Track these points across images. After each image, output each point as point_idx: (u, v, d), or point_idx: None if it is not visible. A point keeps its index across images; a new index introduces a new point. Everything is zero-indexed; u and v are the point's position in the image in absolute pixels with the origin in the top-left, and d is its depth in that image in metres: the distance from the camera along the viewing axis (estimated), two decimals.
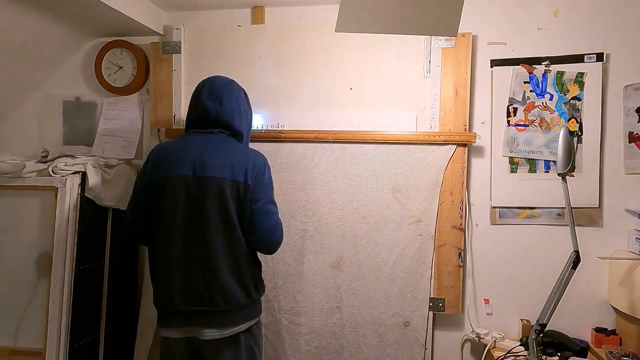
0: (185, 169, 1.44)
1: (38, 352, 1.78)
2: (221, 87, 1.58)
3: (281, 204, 1.74)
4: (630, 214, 1.87)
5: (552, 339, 1.81)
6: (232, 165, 1.45)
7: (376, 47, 1.99)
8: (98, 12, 1.90)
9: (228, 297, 1.44)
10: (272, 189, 1.55)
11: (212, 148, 1.48)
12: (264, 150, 1.83)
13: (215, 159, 1.45)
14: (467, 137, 1.92)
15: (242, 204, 1.45)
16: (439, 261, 1.95)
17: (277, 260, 1.99)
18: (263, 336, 1.66)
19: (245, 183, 1.45)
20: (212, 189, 1.42)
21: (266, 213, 1.49)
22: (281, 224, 1.54)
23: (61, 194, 1.80)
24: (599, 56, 1.88)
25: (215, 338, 1.44)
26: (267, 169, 1.54)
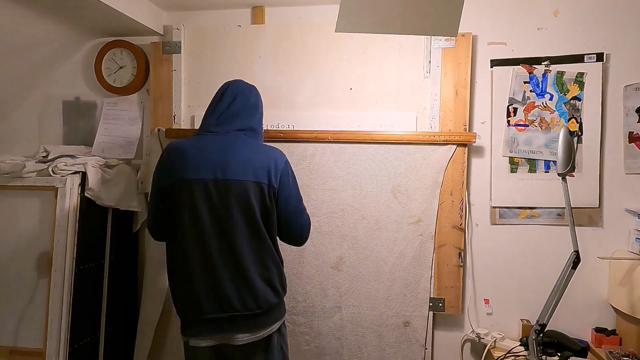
0: (205, 172, 1.39)
1: (38, 352, 1.78)
2: (240, 88, 1.57)
3: None
4: (630, 214, 1.87)
5: (552, 339, 1.81)
6: (255, 167, 1.42)
7: (376, 47, 1.99)
8: (98, 12, 1.90)
9: (259, 300, 1.42)
10: (297, 187, 1.55)
11: (231, 149, 1.44)
12: None
13: (236, 161, 1.41)
14: (467, 137, 1.92)
15: (266, 205, 1.43)
16: (439, 261, 1.95)
17: None
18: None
19: (270, 185, 1.43)
20: (235, 192, 1.39)
21: (297, 213, 1.52)
22: (309, 219, 1.57)
23: (61, 194, 1.80)
24: (599, 56, 1.88)
25: (248, 342, 1.41)
26: (289, 166, 1.53)
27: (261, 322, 1.44)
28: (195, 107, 2.14)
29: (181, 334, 1.46)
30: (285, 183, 1.48)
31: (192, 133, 2.02)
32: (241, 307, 1.40)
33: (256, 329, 1.42)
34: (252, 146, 1.49)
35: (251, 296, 1.41)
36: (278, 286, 1.48)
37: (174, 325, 2.07)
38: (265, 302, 1.43)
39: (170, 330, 2.08)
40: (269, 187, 1.43)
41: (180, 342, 2.04)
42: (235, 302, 1.39)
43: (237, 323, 1.40)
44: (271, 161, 1.46)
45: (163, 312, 2.06)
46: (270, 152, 1.50)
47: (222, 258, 1.40)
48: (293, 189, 1.51)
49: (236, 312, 1.39)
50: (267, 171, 1.43)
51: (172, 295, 1.49)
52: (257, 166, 1.43)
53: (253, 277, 1.41)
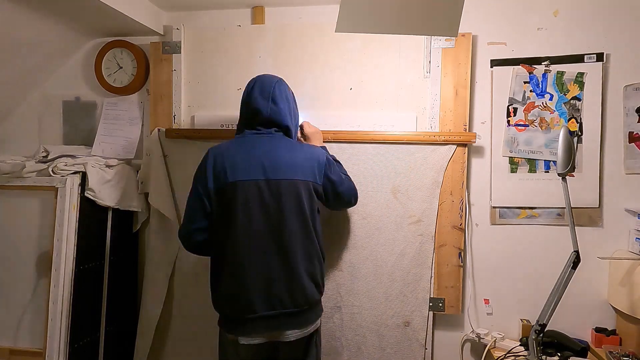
0: (255, 173, 1.45)
1: (38, 352, 1.78)
2: (271, 85, 1.57)
3: None
4: (630, 214, 1.87)
5: (552, 339, 1.81)
6: (302, 166, 1.49)
7: (376, 47, 1.99)
8: (98, 12, 1.90)
9: (307, 297, 1.47)
10: (340, 166, 1.69)
11: (277, 149, 1.49)
12: None
13: (284, 160, 1.47)
14: (467, 137, 1.92)
15: (313, 202, 1.51)
16: (439, 261, 1.95)
17: None
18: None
19: (315, 182, 1.51)
20: (287, 192, 1.45)
21: (344, 191, 1.63)
22: (352, 184, 1.68)
23: (61, 194, 1.80)
24: (599, 56, 1.88)
25: (298, 338, 1.45)
26: (329, 158, 1.61)
27: (308, 318, 1.49)
28: (195, 107, 2.14)
29: (226, 331, 1.48)
30: (329, 175, 1.56)
31: (192, 133, 2.05)
32: (291, 304, 1.44)
33: (304, 325, 1.48)
34: (296, 145, 1.57)
35: (300, 293, 1.46)
36: (320, 283, 1.54)
37: (174, 326, 2.07)
38: (312, 298, 1.49)
39: (171, 330, 2.08)
40: (315, 185, 1.51)
41: (180, 343, 2.06)
42: (286, 300, 1.44)
43: (287, 320, 1.45)
44: (314, 159, 1.54)
45: (163, 312, 2.06)
46: (312, 150, 1.58)
47: (274, 256, 1.44)
48: (337, 176, 1.60)
49: (286, 309, 1.44)
50: (312, 170, 1.51)
51: (215, 294, 1.50)
52: (304, 165, 1.50)
53: (301, 275, 1.46)
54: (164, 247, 2.07)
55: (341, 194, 1.61)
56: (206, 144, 2.03)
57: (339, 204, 1.68)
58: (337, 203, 1.65)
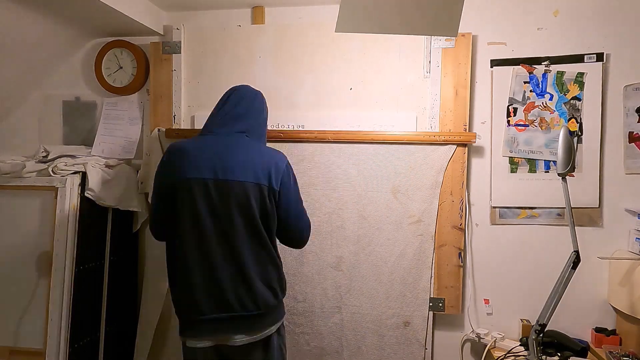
0: (205, 172, 1.40)
1: (38, 352, 1.78)
2: (245, 92, 1.57)
3: None
4: (630, 214, 1.87)
5: (552, 339, 1.81)
6: (255, 168, 1.42)
7: (376, 47, 1.99)
8: (98, 12, 1.90)
9: (258, 301, 1.42)
10: (298, 189, 1.55)
11: (232, 150, 1.44)
12: None
13: (237, 161, 1.42)
14: (467, 137, 1.92)
15: (266, 207, 1.43)
16: (439, 261, 1.95)
17: None
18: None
19: (270, 186, 1.43)
20: (235, 193, 1.39)
21: (297, 216, 1.52)
22: (309, 222, 1.58)
23: (61, 194, 1.80)
24: (599, 56, 1.88)
25: (245, 343, 1.41)
26: (290, 169, 1.52)
27: (259, 323, 1.44)
28: (195, 107, 2.14)
29: (179, 334, 1.46)
30: (286, 185, 1.47)
31: (193, 133, 2.04)
32: (239, 308, 1.40)
33: (254, 330, 1.43)
34: (254, 148, 1.49)
35: (250, 297, 1.41)
36: (277, 288, 1.48)
37: (174, 326, 2.07)
38: (264, 304, 1.43)
39: (171, 331, 2.08)
40: (269, 189, 1.43)
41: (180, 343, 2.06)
42: (234, 303, 1.39)
43: (235, 324, 1.41)
44: (272, 163, 1.46)
45: (163, 312, 2.06)
46: (271, 154, 1.50)
47: (222, 258, 1.40)
48: (293, 192, 1.51)
49: (234, 313, 1.40)
50: (267, 173, 1.43)
51: (171, 294, 1.49)
52: (257, 168, 1.42)
53: (252, 278, 1.41)
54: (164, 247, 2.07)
55: (290, 218, 1.49)
56: None
57: (286, 230, 1.51)
58: (284, 227, 1.50)
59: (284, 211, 1.48)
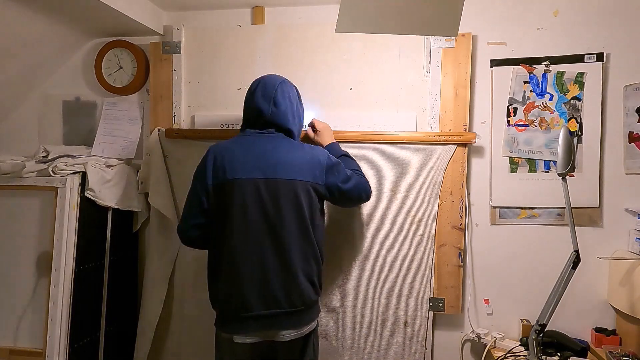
0: (254, 172, 1.45)
1: (38, 352, 1.78)
2: (274, 86, 1.57)
3: None
4: (630, 214, 1.87)
5: (552, 339, 1.81)
6: (302, 166, 1.48)
7: (376, 47, 1.99)
8: (98, 12, 1.90)
9: (304, 297, 1.46)
10: (341, 165, 1.59)
11: (277, 149, 1.49)
12: None
13: (285, 160, 1.47)
14: (467, 137, 1.92)
15: (313, 203, 1.50)
16: (439, 261, 1.95)
17: None
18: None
19: (315, 183, 1.50)
20: (285, 191, 1.44)
21: (352, 189, 1.58)
22: (361, 180, 1.63)
23: (61, 194, 1.80)
24: (599, 56, 1.88)
25: (293, 339, 1.45)
26: (331, 158, 1.57)
27: (304, 318, 1.48)
28: (195, 107, 2.14)
29: (222, 330, 1.48)
30: (332, 175, 1.53)
31: (192, 133, 2.05)
32: (287, 304, 1.44)
33: (300, 326, 1.47)
34: (297, 146, 1.55)
35: (297, 293, 1.45)
36: (317, 284, 1.53)
37: (174, 325, 2.07)
38: (308, 299, 1.48)
39: (171, 330, 2.08)
40: (315, 186, 1.50)
41: (180, 343, 2.05)
42: (282, 299, 1.43)
43: (282, 319, 1.44)
44: (315, 160, 1.52)
45: (163, 312, 2.06)
46: (313, 152, 1.56)
47: (271, 256, 1.44)
48: (340, 173, 1.56)
49: (282, 309, 1.43)
50: (313, 170, 1.50)
51: (212, 291, 1.50)
52: (304, 166, 1.49)
53: (298, 274, 1.45)
54: (164, 247, 2.07)
55: (347, 192, 1.57)
56: (206, 144, 2.01)
57: (348, 201, 1.65)
58: (345, 201, 1.63)
59: (339, 192, 1.55)
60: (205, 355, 2.02)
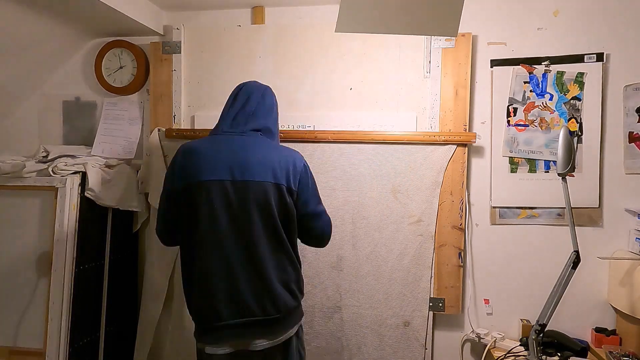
0: (221, 173, 1.35)
1: (38, 352, 1.78)
2: (254, 88, 1.54)
3: None
4: (630, 214, 1.87)
5: (552, 339, 1.81)
6: (273, 168, 1.39)
7: (376, 47, 1.99)
8: (98, 12, 1.90)
9: (279, 304, 1.38)
10: (316, 188, 1.51)
11: (248, 150, 1.40)
12: None
13: (254, 161, 1.38)
14: (467, 137, 1.92)
15: (285, 207, 1.40)
16: (439, 261, 1.95)
17: None
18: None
19: (289, 187, 1.40)
20: (254, 194, 1.35)
21: (317, 216, 1.49)
22: (330, 220, 1.53)
23: (61, 194, 1.80)
24: (599, 56, 1.88)
25: (265, 348, 1.37)
26: (308, 169, 1.50)
27: (280, 326, 1.40)
28: (195, 107, 2.14)
29: (196, 340, 1.42)
30: (304, 185, 1.45)
31: (193, 133, 2.05)
32: (260, 312, 1.36)
33: (275, 334, 1.39)
34: (270, 147, 1.46)
35: (270, 301, 1.37)
36: (296, 289, 1.45)
37: (174, 326, 2.07)
38: (284, 307, 1.40)
39: (170, 330, 2.08)
40: (288, 189, 1.40)
41: (180, 343, 2.06)
42: (254, 307, 1.36)
43: (256, 328, 1.37)
44: (290, 163, 1.43)
45: (163, 312, 2.06)
46: (288, 153, 1.47)
47: (241, 261, 1.36)
48: (312, 191, 1.48)
49: (255, 318, 1.36)
50: (285, 173, 1.40)
51: (187, 300, 1.44)
52: (275, 167, 1.39)
53: (272, 281, 1.37)
54: (164, 248, 2.06)
55: (314, 216, 1.47)
56: None
57: (306, 229, 1.49)
58: (303, 227, 1.48)
59: (302, 210, 1.45)
60: None
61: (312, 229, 1.50)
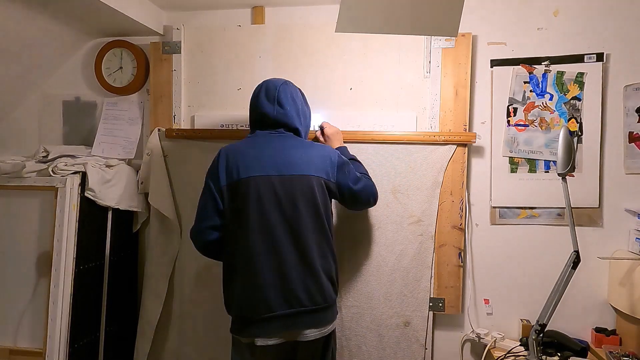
0: (268, 169, 1.44)
1: (38, 352, 1.78)
2: (276, 88, 1.57)
3: None
4: (630, 214, 1.87)
5: (552, 339, 1.81)
6: (314, 162, 1.48)
7: (376, 47, 1.99)
8: (98, 12, 1.90)
9: (325, 295, 1.44)
10: (351, 165, 1.60)
11: (289, 147, 1.50)
12: None
13: (297, 157, 1.47)
14: (467, 137, 1.92)
15: (326, 199, 1.50)
16: (439, 261, 1.95)
17: None
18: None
19: (329, 180, 1.50)
20: (300, 187, 1.44)
21: (361, 190, 1.57)
22: (370, 183, 1.62)
23: (61, 194, 1.80)
24: (599, 56, 1.88)
25: (316, 338, 1.42)
26: (341, 157, 1.58)
27: (326, 316, 1.46)
28: (195, 107, 2.14)
29: (240, 334, 1.44)
30: (341, 173, 1.54)
31: (193, 133, 2.05)
32: (309, 302, 1.41)
33: (322, 324, 1.44)
34: (307, 144, 1.57)
35: (318, 290, 1.43)
36: (336, 282, 1.52)
37: (174, 325, 2.07)
38: (329, 297, 1.46)
39: (171, 330, 2.08)
40: (328, 182, 1.50)
41: (180, 343, 2.05)
42: (304, 298, 1.41)
43: (305, 318, 1.41)
44: (327, 157, 1.52)
45: (163, 312, 2.06)
46: (324, 148, 1.57)
47: (290, 253, 1.42)
48: (352, 175, 1.56)
49: (304, 308, 1.40)
50: (325, 166, 1.50)
51: (228, 294, 1.48)
52: (316, 162, 1.49)
53: (318, 271, 1.44)
54: (164, 247, 2.07)
55: (357, 193, 1.57)
56: (206, 144, 2.04)
57: (357, 203, 1.64)
58: (354, 203, 1.62)
59: (348, 191, 1.54)
60: (205, 355, 2.03)
61: (360, 201, 1.61)
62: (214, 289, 2.03)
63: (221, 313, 2.04)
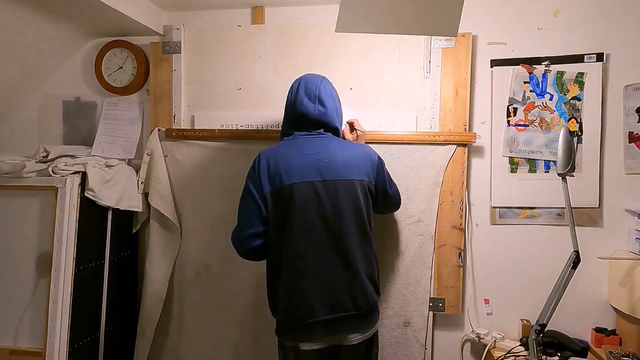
0: (311, 174, 1.43)
1: (38, 352, 1.78)
2: (316, 85, 1.56)
3: None
4: (630, 214, 1.87)
5: (552, 339, 1.81)
6: (356, 165, 1.48)
7: (376, 47, 1.99)
8: (98, 12, 1.90)
9: (368, 299, 1.44)
10: (389, 174, 1.63)
11: (330, 149, 1.48)
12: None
13: (339, 160, 1.46)
14: (467, 137, 1.92)
15: (368, 202, 1.50)
16: (439, 261, 1.95)
17: None
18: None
19: (369, 182, 1.50)
20: (343, 191, 1.43)
21: (394, 194, 1.64)
22: (397, 189, 1.68)
23: (61, 194, 1.80)
24: (599, 56, 1.88)
25: (360, 342, 1.43)
26: (380, 158, 1.59)
27: (369, 320, 1.47)
28: (195, 107, 2.14)
29: (286, 338, 1.45)
30: (381, 175, 1.56)
31: (192, 133, 2.05)
32: (352, 307, 1.42)
33: (366, 328, 1.45)
34: (347, 145, 1.56)
35: (362, 295, 1.43)
36: (379, 285, 1.52)
37: (174, 325, 2.07)
38: (372, 300, 1.46)
39: (170, 330, 2.08)
40: (369, 184, 1.50)
41: (180, 343, 2.06)
42: (347, 302, 1.41)
43: (348, 323, 1.42)
44: (367, 159, 1.53)
45: (163, 312, 2.06)
46: (363, 150, 1.57)
47: (334, 258, 1.42)
48: (388, 178, 1.60)
49: (348, 312, 1.41)
50: (365, 169, 1.50)
51: (273, 300, 1.48)
52: (359, 164, 1.49)
53: (362, 276, 1.44)
54: (164, 248, 2.07)
55: (391, 197, 1.60)
56: (206, 143, 2.04)
57: (387, 206, 1.66)
58: (385, 205, 1.64)
59: (383, 194, 1.57)
60: (205, 355, 2.03)
61: (390, 204, 1.68)
62: (213, 289, 2.04)
63: (221, 313, 2.05)
